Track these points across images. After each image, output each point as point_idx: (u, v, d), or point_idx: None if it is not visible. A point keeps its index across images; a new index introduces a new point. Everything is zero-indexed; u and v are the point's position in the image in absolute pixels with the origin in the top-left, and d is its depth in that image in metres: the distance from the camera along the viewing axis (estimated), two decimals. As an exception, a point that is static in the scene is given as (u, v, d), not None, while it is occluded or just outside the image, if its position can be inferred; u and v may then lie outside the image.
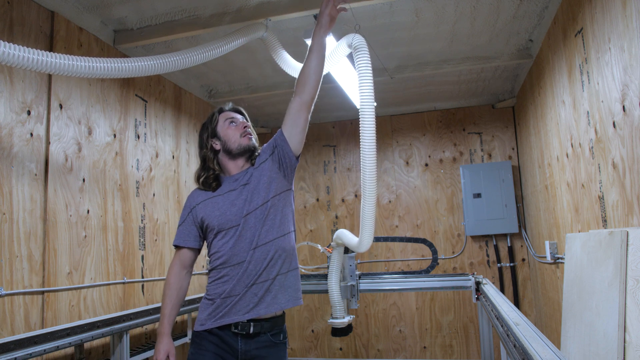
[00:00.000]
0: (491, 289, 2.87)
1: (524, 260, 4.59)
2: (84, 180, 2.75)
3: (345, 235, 2.71)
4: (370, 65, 1.99)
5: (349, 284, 3.13)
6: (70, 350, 2.51)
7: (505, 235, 4.61)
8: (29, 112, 2.42)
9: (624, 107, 1.92)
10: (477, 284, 3.11)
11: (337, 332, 2.91)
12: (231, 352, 1.78)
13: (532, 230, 4.24)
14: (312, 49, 1.90)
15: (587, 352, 2.07)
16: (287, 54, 2.77)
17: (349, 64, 3.05)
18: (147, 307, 2.89)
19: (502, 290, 4.54)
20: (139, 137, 3.31)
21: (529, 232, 4.40)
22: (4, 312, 2.19)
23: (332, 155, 5.25)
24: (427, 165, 4.97)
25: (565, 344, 2.45)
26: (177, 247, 1.92)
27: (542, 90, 3.38)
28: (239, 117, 1.99)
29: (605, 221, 2.24)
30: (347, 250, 3.07)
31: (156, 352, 1.79)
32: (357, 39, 2.03)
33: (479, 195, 4.58)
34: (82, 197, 2.73)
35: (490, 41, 3.44)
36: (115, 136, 3.06)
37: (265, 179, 1.86)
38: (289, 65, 2.74)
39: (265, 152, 1.93)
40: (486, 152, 4.83)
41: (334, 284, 2.90)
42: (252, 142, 1.95)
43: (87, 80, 2.83)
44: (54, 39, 2.58)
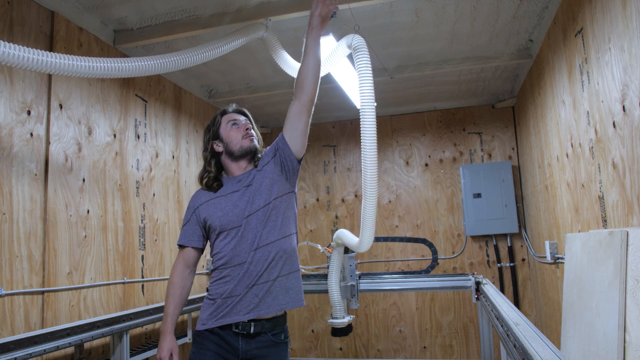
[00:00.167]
0: (491, 289, 2.87)
1: (524, 260, 4.59)
2: (84, 180, 2.75)
3: (345, 235, 2.71)
4: (370, 65, 1.99)
5: (349, 284, 3.13)
6: (70, 350, 2.51)
7: (505, 235, 4.61)
8: (29, 112, 2.42)
9: (624, 107, 1.92)
10: (477, 284, 3.11)
11: (337, 332, 2.91)
12: (232, 351, 1.79)
13: (532, 230, 4.24)
14: (307, 51, 1.87)
15: (587, 352, 2.07)
16: (287, 54, 2.77)
17: (349, 64, 3.05)
18: (147, 307, 2.89)
19: (502, 290, 4.54)
20: (139, 137, 3.31)
21: (529, 232, 4.40)
22: (4, 312, 2.20)
23: (332, 155, 5.25)
24: (427, 165, 4.97)
25: (565, 344, 2.45)
26: (181, 247, 1.94)
27: (542, 90, 3.38)
28: (242, 118, 2.00)
29: (605, 221, 2.24)
30: (347, 250, 3.07)
31: (159, 350, 1.80)
32: (357, 40, 2.03)
33: (479, 195, 4.58)
34: (82, 197, 2.73)
35: (490, 41, 3.44)
36: (115, 136, 3.06)
37: (267, 181, 1.87)
38: (289, 65, 2.74)
39: (267, 154, 1.93)
40: (486, 152, 4.83)
41: (334, 284, 2.90)
42: (254, 144, 1.95)
43: (87, 80, 2.83)
44: (54, 39, 2.58)
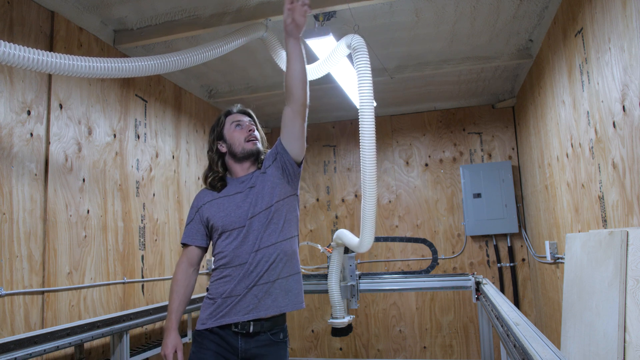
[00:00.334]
0: (491, 289, 2.87)
1: (524, 260, 4.59)
2: (84, 180, 2.75)
3: (345, 235, 2.70)
4: (369, 65, 1.99)
5: (349, 284, 3.13)
6: (70, 350, 2.51)
7: (505, 235, 4.61)
8: (29, 112, 2.42)
9: (624, 107, 1.92)
10: (477, 284, 3.11)
11: (337, 332, 2.91)
12: (232, 350, 1.80)
13: (532, 230, 4.24)
14: (289, 58, 1.81)
15: (587, 352, 2.07)
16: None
17: (348, 64, 3.05)
18: (147, 307, 2.89)
19: (502, 290, 4.54)
20: (139, 137, 3.31)
21: (529, 232, 4.39)
22: (4, 312, 2.20)
23: (332, 155, 5.25)
24: (427, 165, 4.97)
25: (565, 344, 2.45)
26: (185, 245, 1.95)
27: (542, 90, 3.38)
28: (246, 119, 2.00)
29: (605, 221, 2.24)
30: (347, 250, 3.07)
31: (164, 346, 1.82)
32: (356, 40, 2.03)
33: (479, 195, 4.58)
34: (82, 197, 2.73)
35: (490, 41, 3.44)
36: (115, 136, 3.06)
37: (269, 184, 1.88)
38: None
39: (268, 158, 1.94)
40: (486, 152, 4.83)
41: (334, 284, 2.90)
42: (257, 146, 1.95)
43: (87, 80, 2.83)
44: (54, 39, 2.58)
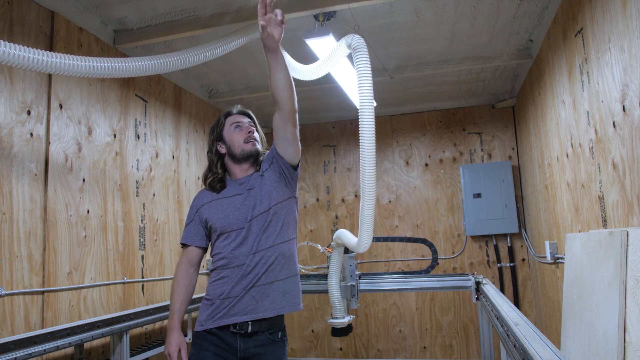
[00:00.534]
0: (491, 289, 2.87)
1: (524, 260, 4.59)
2: (84, 180, 2.75)
3: (345, 235, 2.70)
4: (369, 65, 1.99)
5: (349, 284, 3.13)
6: (70, 350, 2.51)
7: (505, 235, 4.61)
8: (29, 112, 2.42)
9: (624, 107, 1.92)
10: (477, 284, 3.11)
11: (337, 332, 2.91)
12: (230, 351, 1.80)
13: (532, 230, 4.24)
14: (271, 68, 1.77)
15: (587, 352, 2.07)
16: (287, 54, 2.77)
17: (348, 64, 3.05)
18: (147, 307, 2.89)
19: (502, 290, 4.54)
20: (139, 137, 3.31)
21: (529, 232, 4.39)
22: (4, 312, 2.20)
23: (332, 155, 5.25)
24: (427, 165, 4.97)
25: (565, 344, 2.45)
26: (184, 246, 1.96)
27: (542, 90, 3.38)
28: (245, 120, 2.00)
29: (605, 221, 2.24)
30: (347, 250, 3.07)
31: (168, 345, 1.82)
32: (356, 40, 2.03)
33: (479, 195, 4.58)
34: (82, 197, 2.73)
35: (490, 41, 3.44)
36: (115, 136, 3.06)
37: (267, 187, 1.89)
38: (289, 65, 2.74)
39: (265, 162, 1.95)
40: (486, 152, 4.83)
41: (334, 284, 2.90)
42: (256, 147, 1.96)
43: (87, 80, 2.83)
44: (54, 39, 2.58)
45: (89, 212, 2.77)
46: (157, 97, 3.57)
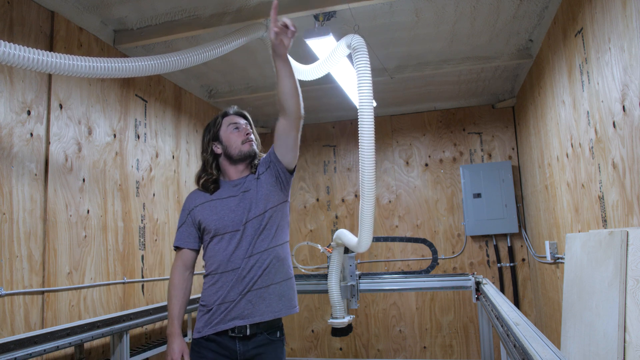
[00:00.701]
0: (491, 289, 2.87)
1: (524, 260, 4.59)
2: (84, 180, 2.75)
3: (345, 235, 2.70)
4: (369, 65, 1.99)
5: (349, 284, 3.13)
6: (70, 350, 2.51)
7: (505, 235, 4.61)
8: (29, 112, 2.42)
9: (624, 107, 1.92)
10: (477, 284, 3.11)
11: (337, 332, 2.91)
12: (230, 355, 1.80)
13: (532, 230, 4.24)
14: (280, 75, 1.77)
15: (587, 352, 2.07)
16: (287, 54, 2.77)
17: (348, 64, 3.05)
18: (147, 307, 2.89)
19: (502, 290, 4.54)
20: (139, 137, 3.31)
21: (529, 232, 4.39)
22: (4, 312, 2.20)
23: (332, 155, 5.25)
24: (427, 165, 4.97)
25: (565, 344, 2.45)
26: (178, 248, 1.94)
27: (542, 90, 3.38)
28: (242, 122, 2.00)
29: (605, 221, 2.24)
30: (347, 250, 3.07)
31: (171, 352, 1.80)
32: (356, 40, 2.03)
33: (479, 195, 4.58)
34: (82, 197, 2.73)
35: (490, 41, 3.44)
36: (115, 136, 3.06)
37: (263, 190, 1.90)
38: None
39: (262, 165, 1.96)
40: (486, 152, 4.83)
41: (334, 284, 2.89)
42: (253, 148, 1.96)
43: (87, 80, 2.83)
44: (54, 39, 2.58)
45: (89, 212, 2.77)
46: (157, 97, 3.57)
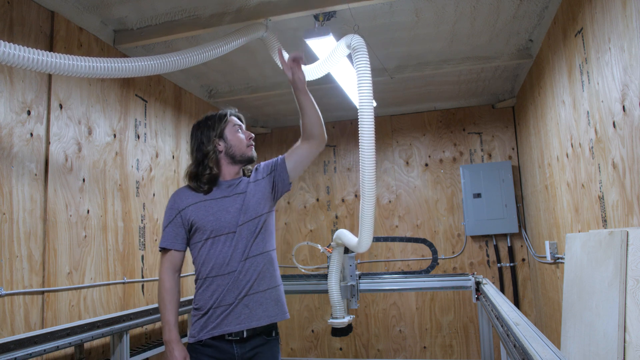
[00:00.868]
0: (491, 289, 2.87)
1: (524, 260, 4.59)
2: (84, 180, 2.75)
3: (345, 235, 2.70)
4: (369, 65, 1.99)
5: (349, 284, 3.13)
6: (70, 350, 2.51)
7: (505, 235, 4.61)
8: (29, 112, 2.42)
9: (624, 107, 1.92)
10: (477, 284, 3.11)
11: (337, 332, 2.91)
12: (228, 358, 1.78)
13: (532, 230, 4.24)
14: (303, 106, 1.91)
15: (587, 352, 2.07)
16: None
17: (348, 64, 3.05)
18: (147, 307, 2.89)
19: (502, 290, 4.54)
20: (139, 137, 3.31)
21: (529, 232, 4.39)
22: (4, 312, 2.20)
23: (332, 155, 5.25)
24: (427, 165, 4.97)
25: (565, 344, 2.45)
26: (165, 250, 1.86)
27: (542, 90, 3.38)
28: (243, 126, 2.03)
29: (605, 221, 2.24)
30: (347, 250, 3.07)
31: (173, 359, 1.76)
32: (356, 40, 2.03)
33: (479, 195, 4.58)
34: (82, 197, 2.73)
35: (490, 41, 3.44)
36: (115, 136, 3.06)
37: (259, 195, 1.91)
38: (289, 65, 2.74)
39: (263, 171, 1.97)
40: (486, 152, 4.83)
41: (334, 284, 2.89)
42: (254, 153, 1.98)
43: (87, 80, 2.83)
44: (54, 39, 2.58)
45: (89, 212, 2.77)
46: (157, 97, 3.57)
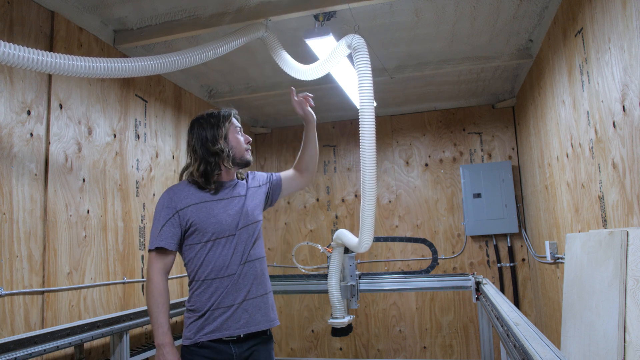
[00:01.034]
0: (491, 289, 2.87)
1: (524, 260, 4.59)
2: (84, 180, 2.75)
3: (345, 235, 2.70)
4: (369, 65, 2.00)
5: (349, 284, 3.13)
6: (70, 350, 2.51)
7: (505, 235, 4.61)
8: (29, 112, 2.42)
9: (624, 107, 1.92)
10: (477, 284, 3.11)
11: (337, 332, 2.91)
12: (226, 358, 1.77)
13: (532, 230, 4.24)
14: (308, 141, 2.09)
15: (587, 352, 2.07)
16: (287, 54, 2.77)
17: (348, 64, 3.05)
18: (147, 307, 2.89)
19: (502, 290, 4.54)
20: (139, 137, 3.31)
21: (529, 232, 4.39)
22: (4, 312, 2.19)
23: (332, 155, 5.25)
24: (427, 165, 4.97)
25: (565, 344, 2.45)
26: (160, 250, 1.78)
27: (542, 90, 3.38)
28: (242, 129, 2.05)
29: (605, 221, 2.24)
30: (347, 250, 3.07)
31: None
32: (357, 40, 2.03)
33: (479, 195, 4.58)
34: (82, 197, 2.73)
35: (490, 41, 3.44)
36: (115, 136, 3.06)
37: (257, 202, 1.94)
38: (289, 65, 2.74)
39: (259, 179, 2.02)
40: (486, 152, 4.83)
41: (334, 284, 2.89)
42: (251, 157, 1.99)
43: (87, 80, 2.83)
44: (54, 39, 2.58)
45: (89, 212, 2.77)
46: (157, 97, 3.57)
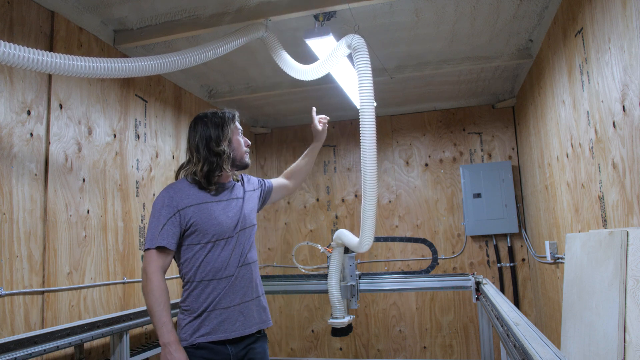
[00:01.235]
0: (491, 289, 2.87)
1: (524, 260, 4.59)
2: (84, 180, 2.75)
3: (345, 235, 2.70)
4: (369, 65, 2.00)
5: (349, 284, 3.13)
6: (70, 350, 2.51)
7: (505, 235, 4.61)
8: (29, 112, 2.42)
9: (624, 107, 1.92)
10: (477, 284, 3.11)
11: (337, 332, 2.91)
12: (223, 358, 1.77)
13: (532, 230, 4.24)
14: (310, 157, 2.32)
15: (587, 352, 2.07)
16: (287, 54, 2.77)
17: (349, 64, 3.05)
18: (147, 307, 2.89)
19: (502, 290, 4.54)
20: (139, 137, 3.31)
21: (529, 232, 4.39)
22: (4, 312, 2.20)
23: (332, 155, 5.25)
24: (427, 165, 4.97)
25: (565, 344, 2.45)
26: (160, 249, 1.73)
27: (542, 90, 3.38)
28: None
29: (605, 221, 2.24)
30: (347, 250, 3.07)
31: None
32: (357, 40, 2.04)
33: (479, 195, 4.58)
34: (82, 197, 2.73)
35: (490, 41, 3.44)
36: (115, 136, 3.06)
37: (252, 205, 1.97)
38: (289, 65, 2.74)
39: (254, 183, 2.05)
40: (486, 152, 4.83)
41: (334, 284, 2.89)
42: (249, 160, 1.99)
43: (87, 80, 2.83)
44: (54, 39, 2.58)
45: (89, 212, 2.77)
46: (157, 97, 3.57)
